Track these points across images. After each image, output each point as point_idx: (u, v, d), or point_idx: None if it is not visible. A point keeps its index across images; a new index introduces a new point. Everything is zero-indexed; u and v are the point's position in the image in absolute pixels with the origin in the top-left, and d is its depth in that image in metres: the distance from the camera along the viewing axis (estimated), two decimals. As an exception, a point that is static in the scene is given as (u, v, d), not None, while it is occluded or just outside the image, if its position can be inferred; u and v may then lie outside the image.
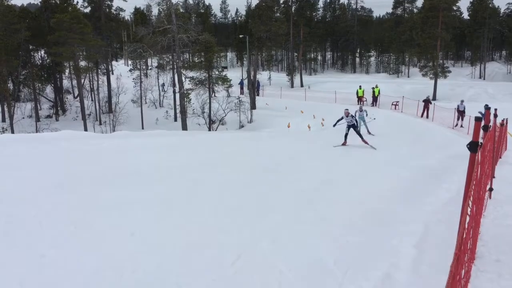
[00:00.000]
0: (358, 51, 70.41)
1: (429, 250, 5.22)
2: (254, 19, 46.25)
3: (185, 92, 33.75)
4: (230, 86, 36.57)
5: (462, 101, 24.84)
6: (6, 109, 36.55)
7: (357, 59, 71.16)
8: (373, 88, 35.00)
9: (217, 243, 5.41)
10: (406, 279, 4.54)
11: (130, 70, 45.59)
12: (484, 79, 56.19)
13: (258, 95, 42.72)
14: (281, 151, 14.19)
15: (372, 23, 72.27)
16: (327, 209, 7.19)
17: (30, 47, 41.14)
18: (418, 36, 43.93)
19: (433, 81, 42.86)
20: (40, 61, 43.85)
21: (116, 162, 10.24)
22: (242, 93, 42.52)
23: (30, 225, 5.59)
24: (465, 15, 61.31)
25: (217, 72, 37.42)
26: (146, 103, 41.95)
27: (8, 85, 38.61)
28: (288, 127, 27.63)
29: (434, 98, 39.78)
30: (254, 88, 40.32)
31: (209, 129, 33.81)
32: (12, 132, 31.39)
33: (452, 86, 44.80)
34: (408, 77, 58.49)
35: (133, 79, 42.01)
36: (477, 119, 3.54)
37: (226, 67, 62.00)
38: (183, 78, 33.18)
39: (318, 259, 5.07)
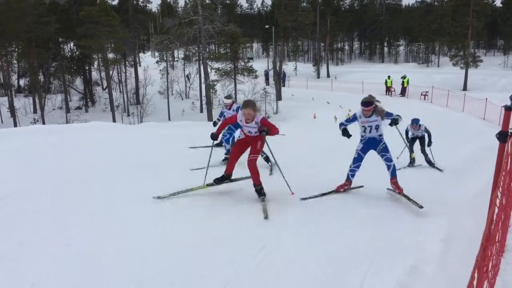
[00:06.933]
0: (386, 40, 69.06)
1: (455, 244, 5.11)
2: (280, 9, 45.83)
3: (211, 83, 33.94)
4: (256, 77, 36.57)
5: None
6: (37, 100, 37.51)
7: (385, 49, 69.80)
8: (402, 78, 34.55)
9: (239, 235, 5.41)
10: (432, 272, 4.45)
11: (157, 62, 46.05)
12: (517, 68, 54.45)
13: (283, 85, 42.59)
14: (305, 143, 14.09)
15: (400, 11, 70.50)
16: (351, 202, 7.11)
17: (60, 39, 42.08)
18: (448, 25, 42.77)
19: (463, 71, 41.78)
20: (70, 53, 44.81)
21: (143, 152, 10.34)
22: (267, 84, 42.46)
23: (57, 215, 5.70)
24: (498, 3, 59.39)
25: (242, 63, 37.47)
26: (172, 94, 42.37)
27: (39, 77, 39.64)
28: (314, 118, 27.46)
29: (465, 89, 38.79)
30: (279, 78, 40.19)
31: (235, 120, 33.89)
32: (43, 123, 32.21)
33: (484, 75, 43.52)
34: (438, 66, 57.12)
35: (160, 70, 42.44)
36: (508, 109, 3.43)
37: (251, 58, 61.84)
38: (208, 69, 33.37)
39: (342, 252, 5.01)
